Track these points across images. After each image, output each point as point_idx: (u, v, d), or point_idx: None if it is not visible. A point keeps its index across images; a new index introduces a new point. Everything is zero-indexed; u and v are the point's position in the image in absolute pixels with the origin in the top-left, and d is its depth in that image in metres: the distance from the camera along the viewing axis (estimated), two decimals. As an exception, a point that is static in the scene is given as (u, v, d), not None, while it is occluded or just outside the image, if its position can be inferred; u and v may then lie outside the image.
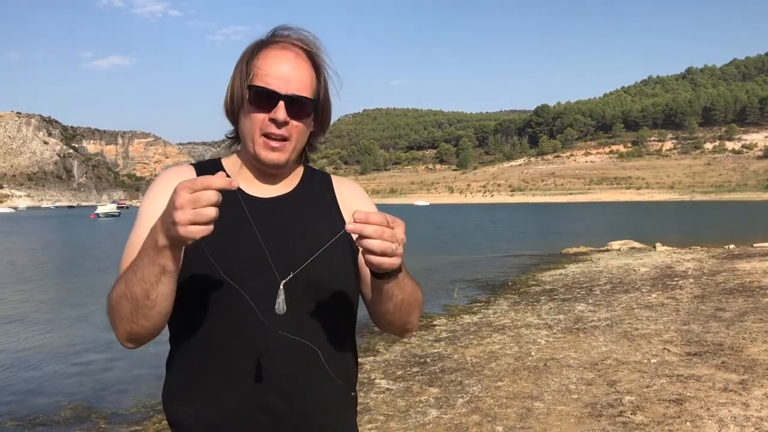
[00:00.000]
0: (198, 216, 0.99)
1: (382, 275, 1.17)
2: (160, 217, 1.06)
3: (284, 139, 1.29)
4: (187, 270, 1.22)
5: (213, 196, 0.99)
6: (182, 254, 1.11)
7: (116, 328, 1.19)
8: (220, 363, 1.23)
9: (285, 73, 1.26)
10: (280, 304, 1.13)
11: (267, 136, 1.28)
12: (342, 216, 1.37)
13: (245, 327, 1.21)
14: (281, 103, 1.26)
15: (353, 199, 1.42)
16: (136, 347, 1.24)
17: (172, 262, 1.08)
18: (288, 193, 1.37)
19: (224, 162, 1.40)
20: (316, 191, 1.40)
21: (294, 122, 1.28)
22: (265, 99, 1.26)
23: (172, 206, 1.01)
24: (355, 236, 1.07)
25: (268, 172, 1.35)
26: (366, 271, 1.26)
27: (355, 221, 1.05)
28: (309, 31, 1.33)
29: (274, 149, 1.29)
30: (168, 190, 1.30)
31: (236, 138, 1.38)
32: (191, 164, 1.39)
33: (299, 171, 1.43)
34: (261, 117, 1.27)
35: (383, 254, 1.07)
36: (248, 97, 1.27)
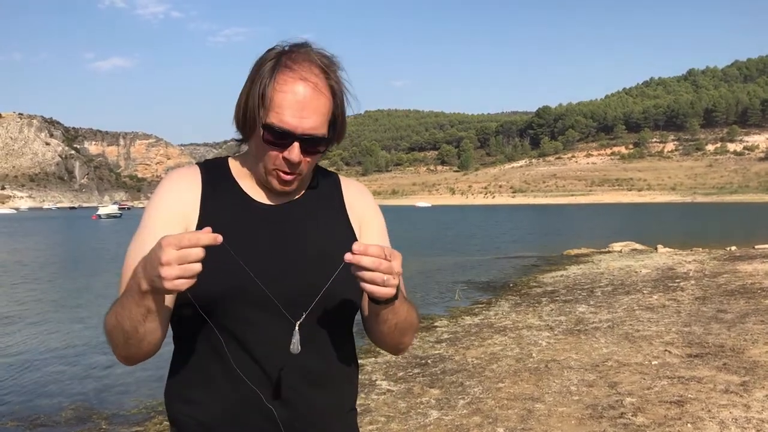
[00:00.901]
0: (184, 272, 1.01)
1: (378, 302, 1.19)
2: (142, 264, 1.07)
3: (296, 173, 1.28)
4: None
5: (200, 252, 1.02)
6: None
7: (113, 351, 1.23)
8: (220, 368, 1.24)
9: (301, 107, 1.22)
10: (295, 345, 1.15)
11: (279, 171, 1.26)
12: (349, 220, 1.38)
13: (247, 338, 1.22)
14: (296, 145, 1.23)
15: (360, 202, 1.41)
16: (132, 365, 1.28)
17: (156, 304, 1.11)
18: (298, 198, 1.35)
19: (231, 163, 1.37)
20: (325, 195, 1.39)
21: (307, 158, 1.26)
22: (280, 138, 1.23)
23: (157, 261, 1.01)
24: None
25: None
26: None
27: (353, 253, 1.08)
28: (327, 52, 1.27)
29: (285, 182, 1.28)
30: (174, 193, 1.29)
31: (243, 140, 1.34)
32: (197, 164, 1.37)
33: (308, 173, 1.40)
34: (275, 155, 1.25)
35: (378, 284, 1.10)
36: (263, 135, 1.24)
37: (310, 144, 1.24)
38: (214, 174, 1.34)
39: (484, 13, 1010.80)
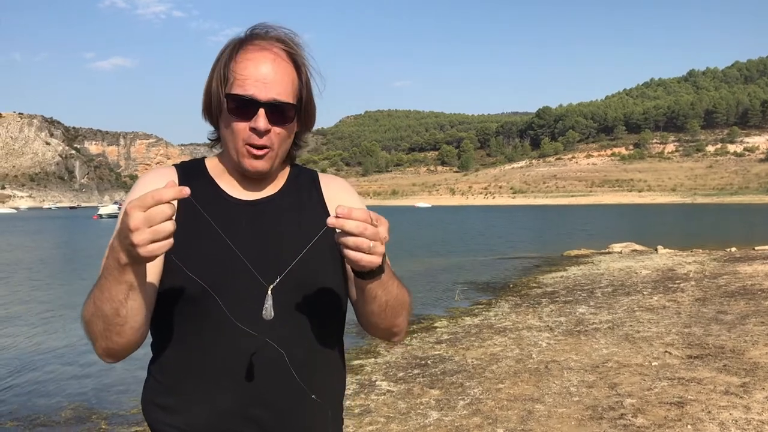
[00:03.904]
0: (156, 234, 0.96)
1: (364, 275, 1.14)
2: (116, 237, 1.03)
3: (267, 147, 1.24)
4: (168, 278, 1.20)
5: (167, 209, 0.96)
6: (147, 267, 1.08)
7: (93, 345, 1.18)
8: (202, 372, 1.21)
9: (264, 76, 1.21)
10: (268, 310, 1.10)
11: (249, 145, 1.24)
12: (328, 213, 1.34)
13: (227, 335, 1.19)
14: (261, 111, 1.21)
15: (341, 197, 1.38)
16: (115, 362, 1.23)
17: (138, 278, 1.06)
18: (274, 194, 1.33)
19: (207, 162, 1.36)
20: (303, 191, 1.36)
21: (276, 129, 1.23)
22: (245, 107, 1.21)
23: (126, 228, 0.97)
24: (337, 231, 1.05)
25: (252, 176, 1.32)
26: (351, 270, 1.24)
27: (337, 216, 1.03)
28: (288, 28, 1.28)
29: (257, 158, 1.25)
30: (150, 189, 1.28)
31: (218, 140, 1.33)
32: (174, 165, 1.36)
33: (285, 170, 1.39)
34: (242, 126, 1.22)
35: (363, 251, 1.05)
36: (227, 106, 1.23)
37: (277, 111, 1.22)
38: (191, 173, 1.32)
39: (485, 14, 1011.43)
